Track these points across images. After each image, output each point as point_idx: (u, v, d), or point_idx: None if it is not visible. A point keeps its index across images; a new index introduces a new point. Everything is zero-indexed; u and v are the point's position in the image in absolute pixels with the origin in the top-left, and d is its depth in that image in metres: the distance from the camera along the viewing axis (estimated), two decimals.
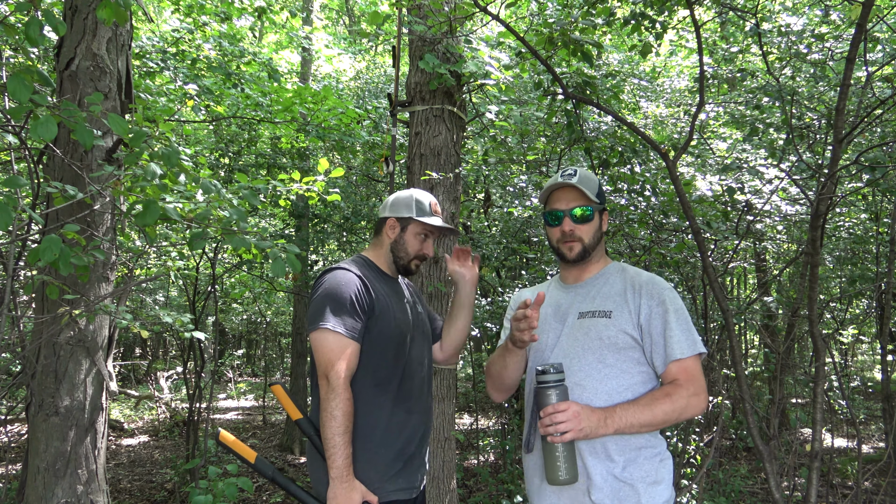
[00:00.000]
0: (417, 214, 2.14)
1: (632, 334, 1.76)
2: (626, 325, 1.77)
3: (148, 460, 6.94)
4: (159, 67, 5.14)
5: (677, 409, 1.69)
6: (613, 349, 1.77)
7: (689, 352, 1.72)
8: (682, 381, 1.72)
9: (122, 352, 12.88)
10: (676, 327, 1.74)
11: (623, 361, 1.77)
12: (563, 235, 1.88)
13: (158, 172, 2.27)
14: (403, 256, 2.16)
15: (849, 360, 10.11)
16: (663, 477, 1.74)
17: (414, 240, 2.16)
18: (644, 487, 1.70)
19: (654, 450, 1.76)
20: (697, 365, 1.74)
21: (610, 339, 1.77)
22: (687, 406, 1.69)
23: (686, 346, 1.73)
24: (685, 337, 1.74)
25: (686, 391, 1.70)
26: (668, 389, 1.71)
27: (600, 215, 1.93)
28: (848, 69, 2.97)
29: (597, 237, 1.90)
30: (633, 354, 1.77)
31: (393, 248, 2.18)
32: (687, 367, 1.73)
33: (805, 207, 4.23)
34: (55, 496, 2.94)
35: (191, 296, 6.54)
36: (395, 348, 2.04)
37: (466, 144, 5.39)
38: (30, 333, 3.73)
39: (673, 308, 1.76)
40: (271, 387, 2.06)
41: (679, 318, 1.75)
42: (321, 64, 10.11)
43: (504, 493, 5.08)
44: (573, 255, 1.88)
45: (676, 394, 1.70)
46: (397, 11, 4.04)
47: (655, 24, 3.80)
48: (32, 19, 1.96)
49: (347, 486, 1.85)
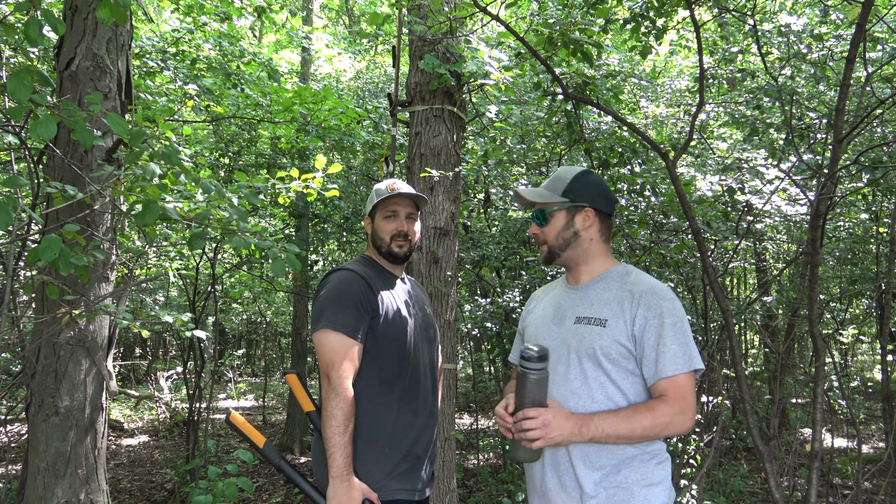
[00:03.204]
0: (377, 200, 2.15)
1: (625, 345, 1.70)
2: (619, 336, 1.70)
3: (148, 460, 6.94)
4: (159, 67, 5.13)
5: (658, 426, 1.62)
6: (607, 359, 1.71)
7: (682, 368, 1.64)
8: (669, 397, 1.64)
9: (122, 352, 12.88)
10: (672, 341, 1.66)
11: (617, 371, 1.71)
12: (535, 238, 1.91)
13: (158, 172, 2.27)
14: (381, 244, 2.17)
15: (849, 360, 10.11)
16: (661, 479, 1.71)
17: (383, 223, 2.16)
18: (639, 490, 1.68)
19: (648, 454, 1.72)
20: (689, 382, 1.66)
21: (603, 348, 1.71)
22: (669, 424, 1.63)
23: (680, 362, 1.65)
24: (682, 351, 1.65)
25: (671, 408, 1.63)
26: (653, 404, 1.65)
27: (570, 213, 1.84)
28: (848, 69, 2.97)
29: (564, 237, 1.83)
30: (628, 365, 1.71)
31: (373, 241, 2.20)
32: (676, 384, 1.64)
33: (805, 207, 4.23)
34: (55, 496, 2.94)
35: (191, 296, 6.54)
36: (400, 347, 2.04)
37: (466, 144, 5.39)
38: (30, 333, 3.72)
39: (671, 321, 1.67)
40: (287, 376, 2.07)
41: (676, 332, 1.67)
42: (321, 64, 10.10)
43: (504, 493, 5.08)
44: (542, 259, 1.89)
45: (660, 410, 1.63)
46: (397, 11, 4.04)
47: (655, 25, 3.80)
48: (32, 19, 1.96)
49: (347, 485, 1.86)
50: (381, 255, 2.18)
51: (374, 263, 2.18)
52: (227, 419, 1.97)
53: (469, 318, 5.49)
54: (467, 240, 5.81)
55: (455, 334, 3.84)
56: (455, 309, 3.82)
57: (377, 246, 2.18)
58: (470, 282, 6.43)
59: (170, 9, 6.57)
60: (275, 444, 2.36)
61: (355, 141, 5.88)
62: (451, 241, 3.84)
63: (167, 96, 5.31)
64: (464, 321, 5.49)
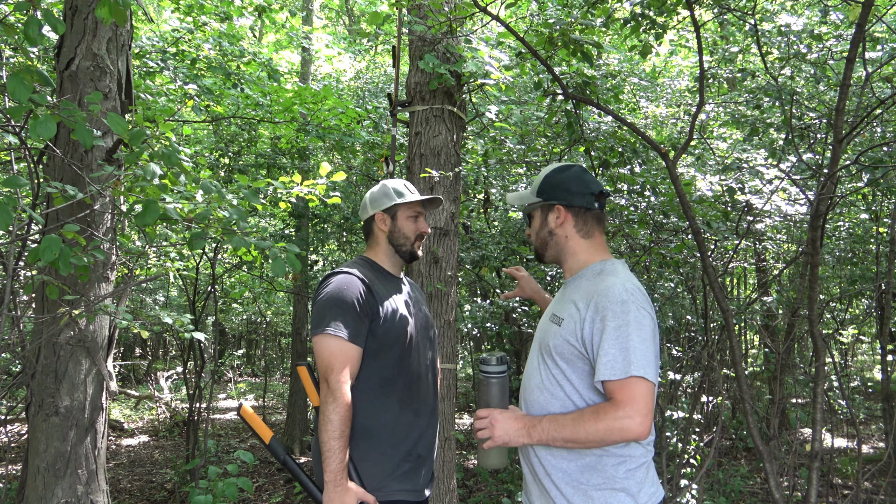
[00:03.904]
0: (400, 199, 2.15)
1: (574, 345, 1.66)
2: (569, 336, 1.67)
3: (148, 460, 6.93)
4: (159, 67, 5.14)
5: (601, 430, 1.55)
6: (561, 357, 1.69)
7: (618, 374, 1.55)
8: (618, 400, 1.56)
9: (122, 352, 12.88)
10: (611, 345, 1.58)
11: (572, 370, 1.68)
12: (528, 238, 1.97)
13: (158, 172, 2.27)
14: (404, 242, 2.17)
15: (849, 360, 10.11)
16: (626, 485, 1.65)
17: (407, 222, 2.17)
18: (597, 493, 1.64)
19: (617, 458, 1.66)
20: (641, 386, 1.55)
21: (556, 347, 1.70)
22: (615, 428, 1.54)
23: (617, 368, 1.55)
24: (621, 357, 1.56)
25: (618, 412, 1.54)
26: (599, 408, 1.59)
27: (543, 212, 1.84)
28: (848, 69, 2.97)
29: (541, 237, 1.85)
30: (584, 366, 1.66)
31: (391, 239, 2.17)
32: (626, 387, 1.55)
33: (805, 207, 4.23)
34: (55, 496, 2.94)
35: (191, 296, 6.54)
36: (399, 349, 2.04)
37: (466, 144, 5.39)
38: (30, 333, 3.72)
39: (613, 324, 1.59)
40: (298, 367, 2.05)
41: (618, 336, 1.58)
42: (321, 64, 10.10)
43: (504, 493, 5.08)
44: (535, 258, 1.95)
45: (605, 414, 1.56)
46: (397, 11, 4.04)
47: (655, 25, 3.80)
48: (32, 19, 1.96)
49: (342, 489, 1.86)
50: (399, 253, 2.18)
51: (374, 265, 2.16)
52: (238, 411, 2.00)
53: (469, 318, 5.49)
54: (467, 240, 5.81)
55: (455, 334, 3.84)
56: (455, 309, 3.82)
57: (398, 244, 2.17)
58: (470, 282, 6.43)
59: (170, 9, 6.57)
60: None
61: (355, 141, 5.88)
62: (451, 241, 3.84)
63: (167, 96, 5.31)
64: (464, 321, 5.49)
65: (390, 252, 2.19)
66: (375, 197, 2.20)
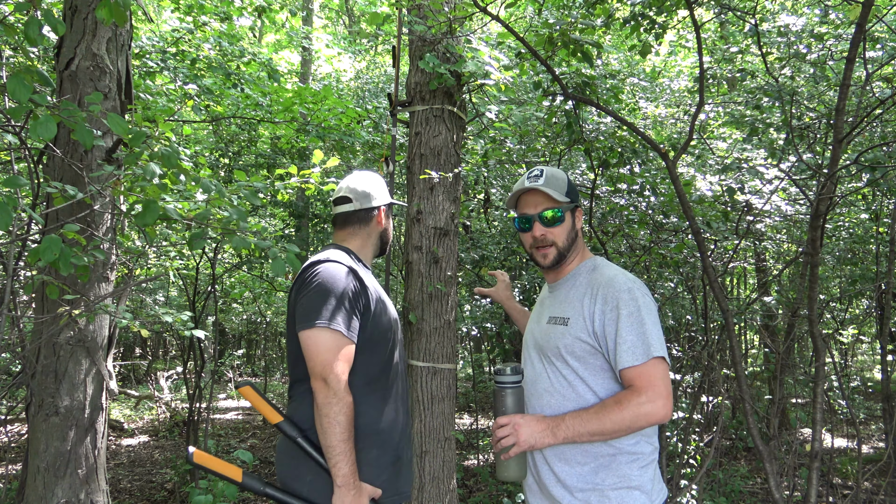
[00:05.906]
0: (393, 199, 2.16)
1: (587, 341, 1.69)
2: (580, 333, 1.70)
3: (148, 460, 6.93)
4: (159, 67, 5.14)
5: (628, 418, 1.59)
6: (573, 357, 1.71)
7: (640, 358, 1.61)
8: (638, 386, 1.60)
9: (122, 352, 12.88)
10: (628, 332, 1.63)
11: (585, 368, 1.70)
12: (534, 241, 1.84)
13: (158, 172, 2.26)
14: (388, 240, 2.17)
15: (849, 360, 10.10)
16: (640, 482, 1.67)
17: (389, 221, 2.17)
18: (614, 493, 1.66)
19: (630, 456, 1.69)
20: (658, 369, 1.61)
21: (567, 347, 1.71)
22: (640, 414, 1.58)
23: (639, 352, 1.61)
24: (639, 342, 1.62)
25: (640, 398, 1.59)
26: (621, 396, 1.62)
27: (572, 214, 1.85)
28: (848, 69, 2.97)
29: (570, 238, 1.84)
30: (596, 361, 1.70)
31: (383, 235, 2.16)
32: (644, 373, 1.61)
33: (805, 207, 4.23)
34: (55, 496, 2.94)
35: (191, 296, 6.54)
36: (387, 346, 1.97)
37: (466, 144, 5.39)
38: (30, 333, 3.72)
39: (626, 312, 1.64)
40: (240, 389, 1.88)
41: (632, 322, 1.64)
42: (321, 64, 10.11)
43: (504, 493, 5.07)
44: (548, 262, 1.84)
45: (627, 401, 1.59)
46: (397, 11, 4.04)
47: (655, 25, 3.80)
48: (32, 19, 1.96)
49: (356, 492, 1.79)
50: (382, 251, 2.17)
51: (354, 256, 2.06)
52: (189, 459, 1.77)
53: (469, 318, 5.49)
54: (467, 240, 5.81)
55: (455, 334, 3.84)
56: (455, 309, 3.82)
57: (386, 242, 2.18)
58: (470, 282, 6.43)
59: (170, 9, 6.57)
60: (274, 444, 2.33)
61: (355, 141, 5.88)
62: (451, 241, 3.84)
63: (167, 96, 5.31)
64: (464, 321, 5.49)
65: (376, 247, 2.15)
66: (380, 188, 2.14)
